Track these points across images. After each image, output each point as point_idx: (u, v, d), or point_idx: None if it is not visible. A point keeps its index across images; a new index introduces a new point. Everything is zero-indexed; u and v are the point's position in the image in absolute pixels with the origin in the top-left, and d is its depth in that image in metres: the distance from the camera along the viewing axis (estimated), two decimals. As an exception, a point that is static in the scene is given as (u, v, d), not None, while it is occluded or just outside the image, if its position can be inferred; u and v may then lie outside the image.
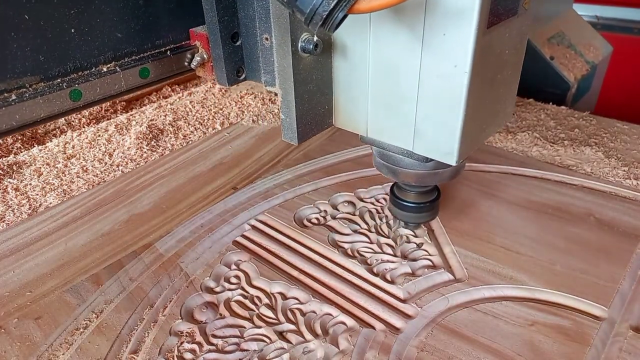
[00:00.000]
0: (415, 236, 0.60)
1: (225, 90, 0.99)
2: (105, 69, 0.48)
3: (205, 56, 0.49)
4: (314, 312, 0.50)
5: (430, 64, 0.40)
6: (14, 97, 0.42)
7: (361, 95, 0.46)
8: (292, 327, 0.49)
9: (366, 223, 0.62)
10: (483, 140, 0.46)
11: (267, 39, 0.46)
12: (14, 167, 0.75)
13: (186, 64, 0.51)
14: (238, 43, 0.48)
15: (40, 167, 0.75)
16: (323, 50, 0.44)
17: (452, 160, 0.43)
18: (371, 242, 0.59)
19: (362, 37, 0.43)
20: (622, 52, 1.30)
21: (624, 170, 0.69)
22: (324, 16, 0.33)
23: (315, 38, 0.42)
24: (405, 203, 0.56)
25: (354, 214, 0.64)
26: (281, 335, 0.48)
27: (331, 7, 0.33)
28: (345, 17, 0.34)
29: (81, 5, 0.44)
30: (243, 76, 0.50)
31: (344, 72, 0.46)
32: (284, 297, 0.52)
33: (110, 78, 0.48)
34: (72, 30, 0.44)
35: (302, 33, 0.41)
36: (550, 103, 0.91)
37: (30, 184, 0.71)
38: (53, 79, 0.44)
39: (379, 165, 0.53)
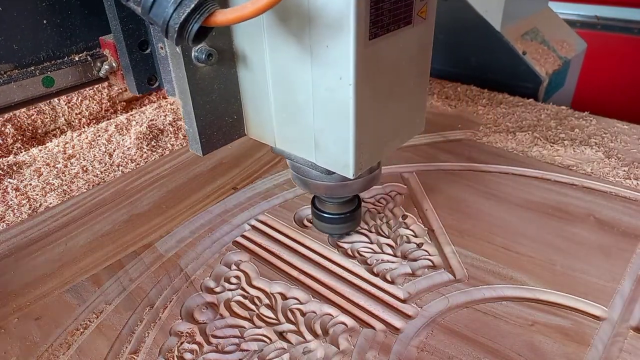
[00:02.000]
0: (416, 236, 0.60)
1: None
2: (77, 59, 0.49)
3: (114, 64, 0.48)
4: (314, 312, 0.50)
5: (319, 75, 0.39)
6: None
7: (265, 105, 0.45)
8: (292, 327, 0.49)
9: (366, 223, 0.62)
10: (388, 152, 0.45)
11: (162, 47, 0.44)
12: (14, 167, 0.75)
13: (95, 72, 0.50)
14: (148, 51, 0.47)
15: (40, 167, 0.75)
16: (225, 59, 0.43)
17: (349, 173, 0.41)
18: (371, 242, 0.59)
19: (259, 47, 0.41)
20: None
21: (624, 170, 0.69)
22: (177, 29, 0.32)
23: (208, 47, 0.40)
24: (325, 215, 0.56)
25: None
26: (281, 335, 0.48)
27: (182, 19, 0.32)
28: (206, 29, 0.34)
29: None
30: (156, 84, 0.49)
31: (248, 82, 0.45)
32: (284, 297, 0.52)
33: (82, 67, 0.50)
34: (45, 22, 0.46)
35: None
36: (526, 98, 0.93)
37: (31, 184, 0.71)
38: (27, 67, 0.47)
39: (293, 177, 0.53)
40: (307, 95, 0.41)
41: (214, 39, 0.41)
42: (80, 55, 0.49)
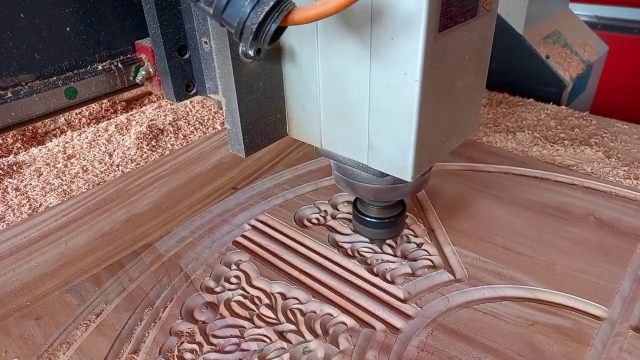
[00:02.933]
0: (416, 236, 0.60)
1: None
2: (100, 67, 0.47)
3: (151, 70, 0.46)
4: (314, 312, 0.50)
5: (379, 72, 0.36)
6: (9, 94, 0.43)
7: (313, 104, 0.43)
8: (292, 327, 0.49)
9: (366, 223, 0.62)
10: (445, 154, 0.43)
11: (206, 42, 0.42)
12: (14, 167, 0.75)
13: (131, 77, 0.48)
14: (186, 56, 0.45)
15: (41, 167, 0.75)
16: (271, 55, 0.41)
17: (407, 176, 0.39)
18: (371, 242, 0.59)
19: (310, 42, 0.39)
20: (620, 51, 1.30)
21: (624, 170, 0.69)
22: (254, 30, 0.30)
23: None
24: (367, 218, 0.54)
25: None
26: (281, 335, 0.48)
27: (260, 19, 0.30)
28: (282, 29, 0.32)
29: (76, 4, 0.44)
30: (194, 91, 0.47)
31: (294, 80, 0.43)
32: (284, 297, 0.52)
33: (106, 76, 0.48)
34: (68, 29, 0.44)
35: (256, 44, 0.38)
36: (551, 103, 0.92)
37: (31, 184, 0.71)
38: (48, 77, 0.45)
39: (337, 178, 0.50)
40: (363, 93, 0.39)
41: (252, 43, 0.40)
42: (104, 63, 0.47)
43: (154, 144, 0.82)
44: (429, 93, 0.36)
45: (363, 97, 0.39)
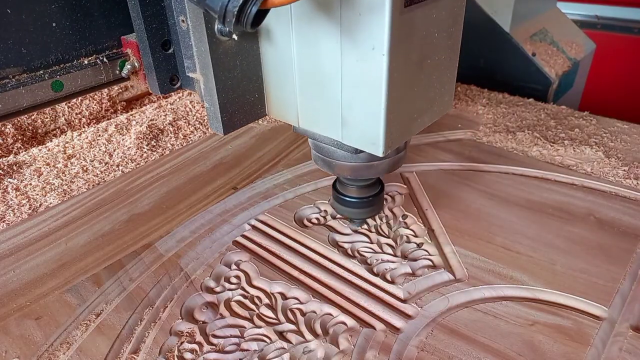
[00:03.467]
0: (416, 236, 0.60)
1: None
2: (86, 62, 0.48)
3: (136, 64, 0.47)
4: (314, 312, 0.50)
5: (349, 46, 0.37)
6: None
7: (289, 82, 0.43)
8: (292, 327, 0.49)
9: (366, 223, 0.62)
10: (417, 130, 0.43)
11: (183, 20, 0.42)
12: (14, 167, 0.75)
13: (117, 72, 0.49)
14: (170, 51, 0.46)
15: (41, 167, 0.75)
16: (247, 33, 0.42)
17: (379, 151, 0.40)
18: (371, 242, 0.59)
19: (284, 21, 0.40)
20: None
21: (624, 170, 0.69)
22: (235, 12, 0.32)
23: None
24: (347, 198, 0.54)
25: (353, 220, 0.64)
26: (281, 335, 0.48)
27: (241, 2, 0.31)
28: (263, 12, 0.33)
29: (62, 1, 0.45)
30: (178, 84, 0.48)
31: (271, 58, 0.43)
32: (284, 297, 0.52)
33: (91, 70, 0.49)
34: (54, 24, 0.45)
35: (239, 27, 0.39)
36: (547, 102, 0.92)
37: (31, 184, 0.71)
38: (35, 71, 0.46)
39: (315, 158, 0.51)
40: (335, 68, 0.39)
41: (235, 27, 0.41)
42: (90, 58, 0.49)
43: (154, 143, 0.82)
44: (398, 67, 0.37)
45: (335, 72, 0.39)
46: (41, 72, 0.46)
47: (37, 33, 0.45)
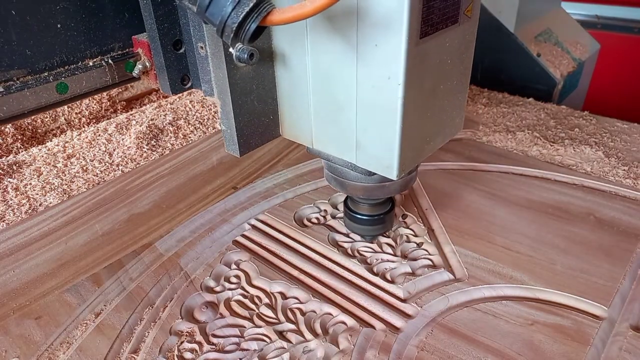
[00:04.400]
0: (415, 235, 0.60)
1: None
2: (91, 63, 0.48)
3: (147, 64, 0.47)
4: (314, 311, 0.50)
5: (365, 74, 0.38)
6: (1, 89, 0.44)
7: (304, 105, 0.45)
8: (292, 326, 0.49)
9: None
10: (429, 153, 0.45)
11: (202, 47, 0.44)
12: (14, 167, 0.75)
13: (125, 71, 0.49)
14: (181, 51, 0.46)
15: (40, 167, 0.75)
16: (264, 59, 0.43)
17: (392, 174, 0.41)
18: (371, 242, 0.59)
19: (300, 46, 0.41)
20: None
21: (624, 170, 0.69)
22: (234, 28, 0.32)
23: (250, 47, 0.40)
24: (358, 216, 0.55)
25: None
26: (281, 334, 0.48)
27: (240, 19, 0.32)
28: (262, 29, 0.33)
29: (66, 2, 0.45)
30: (189, 84, 0.48)
31: (286, 82, 0.45)
32: (284, 297, 0.52)
33: (96, 72, 0.49)
34: (58, 26, 0.45)
35: (237, 42, 0.40)
36: (550, 102, 0.92)
37: (30, 184, 0.71)
38: (40, 73, 0.46)
39: (328, 177, 0.52)
40: (351, 94, 0.40)
41: (232, 42, 0.41)
42: (95, 60, 0.48)
43: (154, 143, 0.82)
44: (412, 95, 0.38)
45: (351, 97, 0.40)
46: (46, 74, 0.46)
47: (42, 35, 0.44)
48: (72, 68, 0.47)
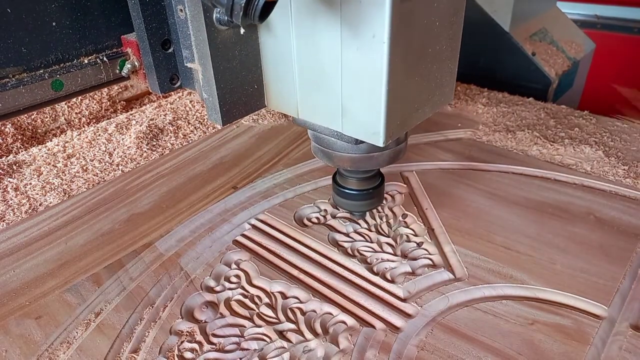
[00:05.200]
0: (416, 235, 0.60)
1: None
2: (86, 61, 0.49)
3: (136, 63, 0.48)
4: (314, 311, 0.50)
5: (350, 35, 0.37)
6: None
7: (289, 73, 0.43)
8: (293, 326, 0.49)
9: (366, 222, 0.62)
10: (418, 121, 0.43)
11: (181, 10, 0.42)
12: (14, 167, 0.75)
13: (117, 71, 0.50)
14: (170, 50, 0.46)
15: (40, 167, 0.75)
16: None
17: (379, 141, 0.40)
18: (371, 241, 0.59)
19: (284, 9, 0.40)
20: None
21: (624, 169, 0.69)
22: (243, 5, 0.32)
23: None
24: (346, 191, 0.54)
25: (354, 213, 0.64)
26: (281, 334, 0.48)
27: None
28: (271, 4, 0.33)
29: (62, 0, 0.46)
30: (178, 83, 0.48)
31: (270, 49, 0.43)
32: (284, 296, 0.52)
33: (91, 69, 0.49)
34: (54, 24, 0.46)
35: (247, 20, 0.38)
36: (549, 101, 0.92)
37: (30, 184, 0.71)
38: (35, 70, 0.46)
39: (315, 150, 0.51)
40: (335, 58, 0.39)
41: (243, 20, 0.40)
42: (90, 57, 0.49)
43: (154, 143, 0.82)
44: (398, 56, 0.36)
45: (336, 62, 0.39)
46: (41, 71, 0.46)
47: (37, 32, 0.45)
48: (67, 66, 0.48)
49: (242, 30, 0.41)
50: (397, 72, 0.37)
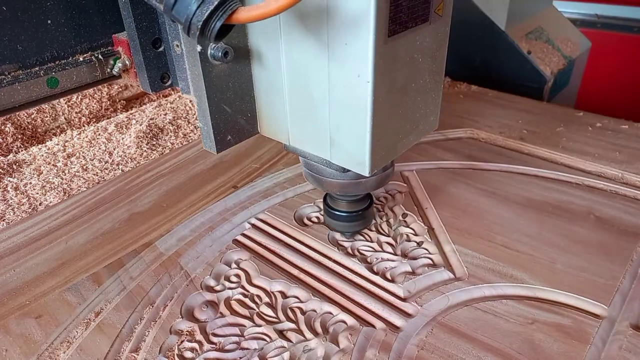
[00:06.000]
0: (416, 234, 0.60)
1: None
2: (81, 59, 0.50)
3: (127, 62, 0.48)
4: (314, 310, 0.50)
5: (337, 73, 0.39)
6: None
7: (280, 103, 0.45)
8: (293, 325, 0.49)
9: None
10: (402, 150, 0.45)
11: (177, 45, 0.44)
12: (14, 166, 0.75)
13: (108, 70, 0.51)
14: (161, 49, 0.47)
15: (40, 166, 0.75)
16: (240, 57, 0.43)
17: (365, 171, 0.42)
18: (371, 241, 0.59)
19: (275, 44, 0.42)
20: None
21: (625, 169, 0.69)
22: (199, 26, 0.33)
23: (224, 45, 0.40)
24: (337, 213, 0.56)
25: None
26: (281, 333, 0.48)
27: (205, 17, 0.32)
28: (228, 27, 0.34)
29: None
30: (169, 82, 0.49)
31: (263, 80, 0.45)
32: (284, 296, 0.52)
33: (87, 67, 0.50)
34: (49, 22, 0.46)
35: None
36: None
37: (30, 183, 0.71)
38: (31, 67, 0.47)
39: (306, 174, 0.53)
40: (324, 92, 0.41)
41: (230, 37, 0.41)
42: (85, 55, 0.49)
43: (154, 142, 0.82)
44: (382, 93, 0.38)
45: (324, 95, 0.41)
46: (37, 68, 0.47)
47: (33, 30, 0.45)
48: (62, 63, 0.48)
49: (219, 54, 0.42)
50: (381, 108, 0.39)
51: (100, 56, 0.49)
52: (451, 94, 0.96)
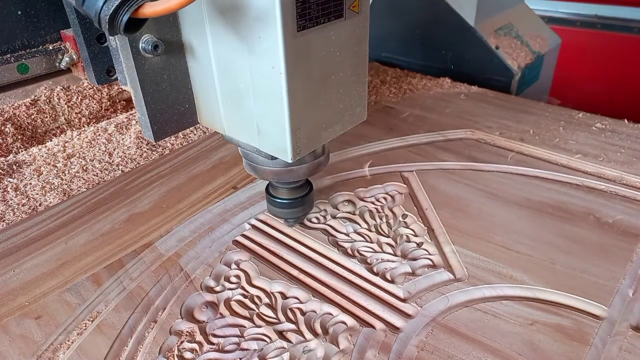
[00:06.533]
0: (415, 235, 0.60)
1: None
2: (51, 47, 0.52)
3: (74, 57, 0.51)
4: (314, 311, 0.50)
5: (255, 64, 0.41)
6: None
7: (213, 94, 0.47)
8: (292, 326, 0.49)
9: (366, 222, 0.62)
10: (327, 139, 0.47)
11: (112, 40, 0.46)
12: (14, 167, 0.75)
13: (57, 64, 0.53)
14: (106, 44, 0.49)
15: (40, 167, 0.75)
16: (174, 50, 0.45)
17: (288, 158, 0.44)
18: (371, 242, 0.59)
19: (203, 38, 0.44)
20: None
21: (625, 169, 0.69)
22: (107, 20, 0.35)
23: (154, 39, 0.42)
24: (277, 200, 0.58)
25: (353, 214, 0.64)
26: (281, 334, 0.48)
27: (111, 11, 0.34)
28: (139, 20, 0.36)
29: None
30: (115, 76, 0.51)
31: (196, 72, 0.47)
32: (284, 297, 0.52)
33: (56, 55, 0.53)
34: (19, 13, 0.49)
35: (142, 34, 0.42)
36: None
37: (30, 184, 0.71)
38: (2, 54, 0.50)
39: (245, 163, 0.55)
40: (247, 83, 0.43)
41: (163, 31, 0.43)
42: (55, 44, 0.51)
43: (154, 143, 0.82)
44: (298, 84, 0.41)
45: (247, 86, 0.43)
46: (8, 55, 0.50)
47: (3, 20, 0.48)
48: (32, 51, 0.51)
49: (149, 48, 0.44)
50: (299, 98, 0.41)
51: (62, 47, 0.52)
52: (451, 94, 0.96)
